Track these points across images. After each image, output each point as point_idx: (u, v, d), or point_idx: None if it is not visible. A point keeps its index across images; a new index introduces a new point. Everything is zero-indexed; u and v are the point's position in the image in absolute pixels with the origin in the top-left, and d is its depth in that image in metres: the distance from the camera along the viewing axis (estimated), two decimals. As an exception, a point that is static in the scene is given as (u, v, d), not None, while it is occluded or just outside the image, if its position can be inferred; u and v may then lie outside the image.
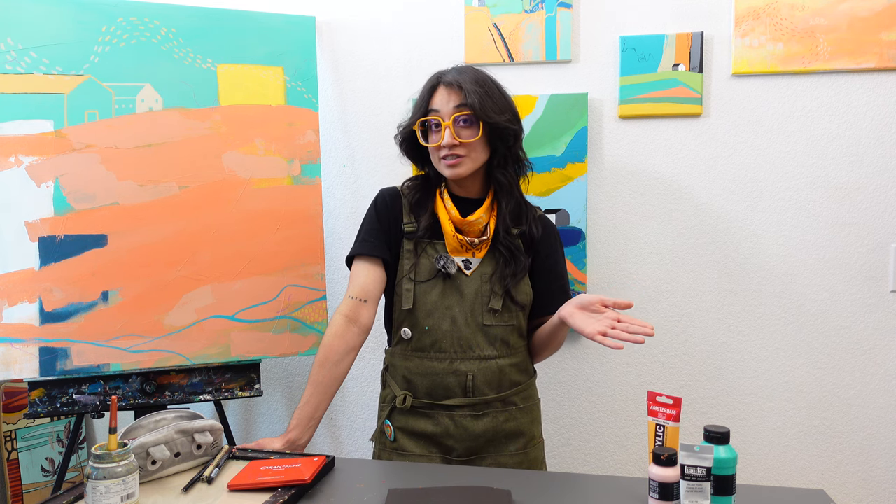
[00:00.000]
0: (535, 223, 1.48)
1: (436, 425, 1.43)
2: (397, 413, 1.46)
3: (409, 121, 1.46)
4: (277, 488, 1.17)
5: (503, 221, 1.44)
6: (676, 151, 1.89)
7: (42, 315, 1.66)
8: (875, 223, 1.81)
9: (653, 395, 1.18)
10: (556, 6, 1.89)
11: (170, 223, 1.76)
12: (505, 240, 1.44)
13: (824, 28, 1.78)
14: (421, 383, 1.44)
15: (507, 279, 1.42)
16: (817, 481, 1.88)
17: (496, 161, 1.44)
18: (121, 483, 1.04)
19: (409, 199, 1.49)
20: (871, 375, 1.84)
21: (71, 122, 1.69)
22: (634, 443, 1.97)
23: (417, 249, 1.44)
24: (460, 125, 1.38)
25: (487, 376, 1.42)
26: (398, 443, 1.46)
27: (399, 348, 1.47)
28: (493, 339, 1.43)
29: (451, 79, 1.41)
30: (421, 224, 1.44)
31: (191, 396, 1.80)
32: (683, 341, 1.92)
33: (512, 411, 1.45)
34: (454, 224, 1.42)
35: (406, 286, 1.44)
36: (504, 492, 1.14)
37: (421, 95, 1.44)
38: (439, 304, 1.42)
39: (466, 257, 1.43)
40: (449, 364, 1.42)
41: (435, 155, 1.43)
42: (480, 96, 1.37)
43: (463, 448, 1.43)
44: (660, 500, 1.04)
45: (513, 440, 1.45)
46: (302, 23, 1.88)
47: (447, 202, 1.44)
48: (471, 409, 1.42)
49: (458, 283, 1.43)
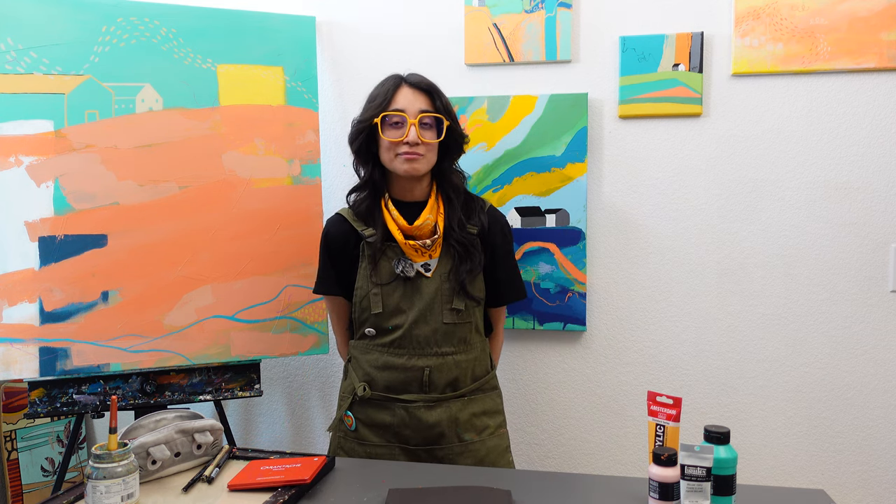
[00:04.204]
0: (482, 214, 1.55)
1: (392, 416, 1.48)
2: (357, 404, 1.52)
3: (367, 114, 1.49)
4: (277, 488, 1.17)
5: (455, 218, 1.50)
6: (676, 151, 1.89)
7: (42, 315, 1.66)
8: (875, 223, 1.81)
9: (653, 395, 1.18)
10: (556, 6, 1.89)
11: (170, 223, 1.76)
12: (458, 236, 1.49)
13: (824, 28, 1.78)
14: (380, 377, 1.49)
15: (463, 275, 1.48)
16: (817, 481, 1.88)
17: (447, 164, 1.53)
18: (121, 483, 1.04)
19: (357, 210, 1.54)
20: (871, 375, 1.84)
21: (71, 122, 1.69)
22: (634, 443, 1.97)
23: (377, 255, 1.49)
24: (423, 126, 1.45)
25: (443, 371, 1.48)
26: (358, 432, 1.51)
27: (361, 343, 1.54)
28: (451, 336, 1.48)
29: (417, 81, 1.48)
30: (377, 232, 1.49)
31: (191, 396, 1.80)
32: (683, 341, 1.92)
33: (465, 402, 1.50)
34: (403, 232, 1.47)
35: (374, 290, 1.48)
36: (504, 492, 1.14)
37: (380, 93, 1.49)
38: (401, 304, 1.48)
39: (425, 261, 1.48)
40: (407, 360, 1.47)
41: (391, 151, 1.47)
42: (446, 103, 1.49)
43: (420, 438, 1.48)
44: (660, 500, 1.04)
45: (469, 429, 1.50)
46: (302, 23, 1.88)
47: (393, 212, 1.49)
48: (424, 401, 1.47)
49: (419, 284, 1.48)
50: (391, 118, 1.46)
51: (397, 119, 1.45)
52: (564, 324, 1.94)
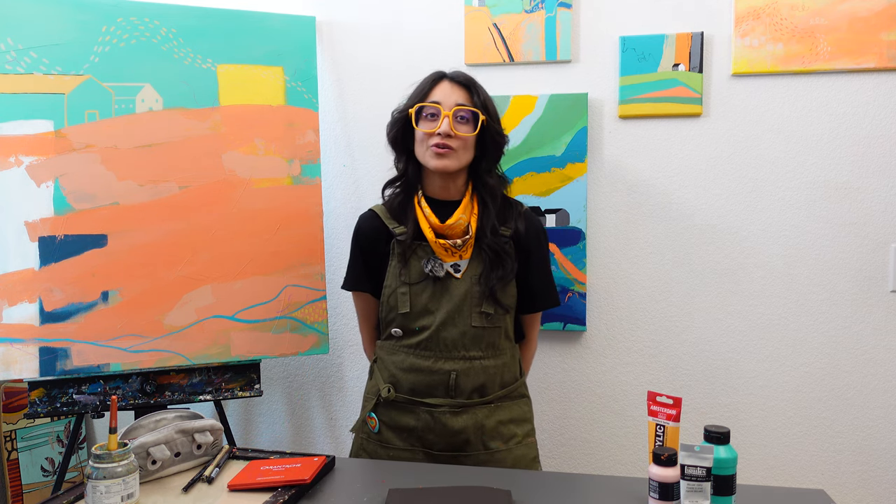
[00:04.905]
0: (518, 220, 1.50)
1: (416, 420, 1.44)
2: (382, 406, 1.49)
3: (404, 105, 1.48)
4: (277, 488, 1.17)
5: (489, 224, 1.46)
6: (676, 151, 1.89)
7: (42, 315, 1.66)
8: (875, 223, 1.81)
9: (653, 395, 1.18)
10: (556, 6, 1.89)
11: (170, 223, 1.76)
12: (491, 241, 1.44)
13: (824, 28, 1.78)
14: (405, 379, 1.46)
15: (494, 282, 1.44)
16: (817, 481, 1.88)
17: (484, 165, 1.48)
18: (121, 483, 1.04)
19: (390, 206, 1.51)
20: (871, 375, 1.84)
21: (71, 122, 1.69)
22: (634, 443, 1.97)
23: (407, 253, 1.46)
24: (458, 120, 1.42)
25: (470, 376, 1.44)
26: (382, 435, 1.48)
27: (388, 343, 1.50)
28: (479, 340, 1.44)
29: (457, 75, 1.46)
30: (408, 229, 1.46)
31: (191, 396, 1.80)
32: (683, 341, 1.92)
33: (491, 409, 1.46)
34: (434, 230, 1.44)
35: (402, 290, 1.45)
36: (504, 492, 1.14)
37: (420, 85, 1.47)
38: (430, 305, 1.44)
39: (455, 261, 1.45)
40: (433, 363, 1.44)
41: (423, 144, 1.44)
42: (485, 99, 1.45)
43: (444, 443, 1.44)
44: (660, 500, 1.04)
45: (495, 437, 1.45)
46: (302, 23, 1.88)
47: (425, 209, 1.45)
48: (450, 406, 1.43)
49: (449, 285, 1.45)
50: (427, 110, 1.43)
51: (433, 111, 1.42)
52: (564, 324, 1.94)
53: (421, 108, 1.44)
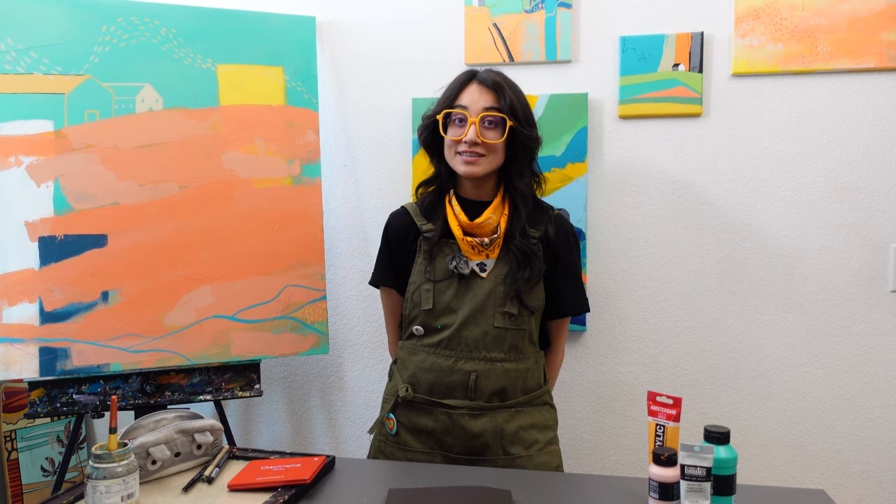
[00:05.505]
0: (549, 223, 1.48)
1: (435, 422, 1.43)
2: (400, 407, 1.47)
3: (433, 109, 1.47)
4: (277, 488, 1.17)
5: (519, 226, 1.44)
6: (676, 151, 1.89)
7: (42, 315, 1.66)
8: (875, 223, 1.81)
9: (653, 395, 1.18)
10: (556, 6, 1.89)
11: (170, 223, 1.76)
12: (520, 243, 1.43)
13: (824, 28, 1.78)
14: (424, 378, 1.44)
15: (520, 283, 1.42)
16: (817, 481, 1.88)
17: (515, 168, 1.46)
18: (121, 483, 1.04)
19: (422, 204, 1.51)
20: (871, 375, 1.84)
21: (71, 122, 1.69)
22: (634, 443, 1.97)
23: (433, 250, 1.46)
24: (486, 125, 1.40)
25: (490, 378, 1.42)
26: (400, 437, 1.47)
27: (409, 343, 1.50)
28: (501, 341, 1.43)
29: (486, 78, 1.42)
30: (436, 227, 1.46)
31: (191, 396, 1.80)
32: (683, 341, 1.92)
33: (512, 413, 1.44)
34: (463, 228, 1.43)
35: (426, 286, 1.45)
36: (504, 492, 1.14)
37: (450, 88, 1.45)
38: (453, 303, 1.43)
39: (481, 260, 1.44)
40: (454, 362, 1.42)
41: (451, 149, 1.43)
42: (514, 103, 1.40)
43: (462, 446, 1.42)
44: (660, 500, 1.04)
45: (515, 442, 1.43)
46: (302, 23, 1.88)
47: (455, 207, 1.45)
48: (469, 408, 1.42)
49: (473, 283, 1.44)
50: (454, 115, 1.42)
51: (460, 116, 1.41)
52: (564, 324, 1.94)
53: (448, 113, 1.43)
